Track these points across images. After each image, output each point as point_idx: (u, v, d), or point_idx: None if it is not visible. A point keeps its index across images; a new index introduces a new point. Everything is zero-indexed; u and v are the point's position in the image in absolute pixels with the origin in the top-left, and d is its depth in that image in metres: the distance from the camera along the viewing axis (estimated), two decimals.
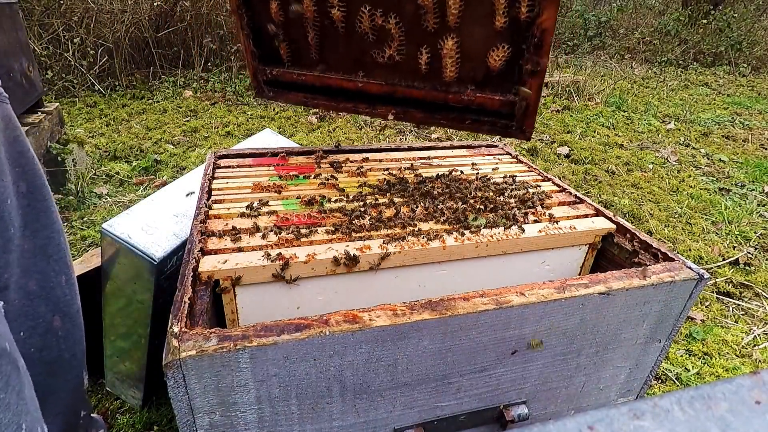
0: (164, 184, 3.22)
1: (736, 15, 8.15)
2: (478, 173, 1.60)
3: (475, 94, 1.33)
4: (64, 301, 1.16)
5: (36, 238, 1.07)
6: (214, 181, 1.47)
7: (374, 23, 1.33)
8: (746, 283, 2.54)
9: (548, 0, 1.11)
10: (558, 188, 1.54)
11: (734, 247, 2.86)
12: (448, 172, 1.58)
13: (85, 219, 2.82)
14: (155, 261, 1.35)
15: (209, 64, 5.66)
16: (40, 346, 1.10)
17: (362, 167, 1.61)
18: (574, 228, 1.29)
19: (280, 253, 1.07)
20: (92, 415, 1.47)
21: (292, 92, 1.64)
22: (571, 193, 1.50)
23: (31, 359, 1.08)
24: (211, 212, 1.27)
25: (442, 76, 1.34)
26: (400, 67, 1.39)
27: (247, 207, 1.29)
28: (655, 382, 1.96)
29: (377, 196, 1.39)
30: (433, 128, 4.42)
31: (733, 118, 5.26)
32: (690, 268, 1.11)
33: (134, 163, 3.53)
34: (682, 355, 2.08)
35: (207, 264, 1.02)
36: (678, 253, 2.26)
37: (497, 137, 2.34)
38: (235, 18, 1.50)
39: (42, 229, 1.09)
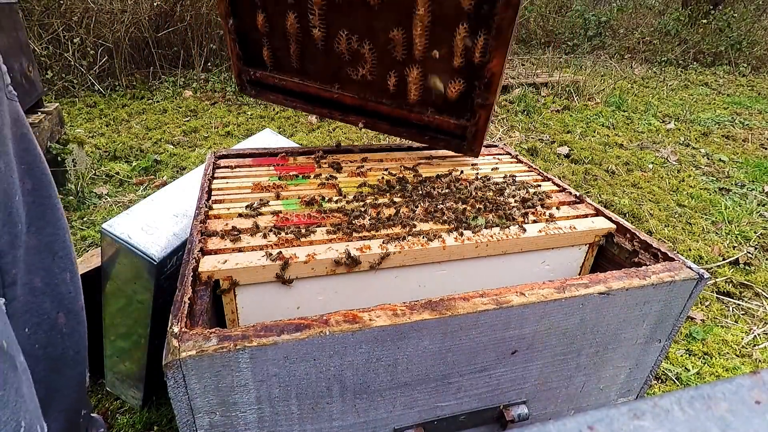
0: (164, 184, 3.22)
1: (736, 15, 8.14)
2: (478, 173, 1.60)
3: (433, 116, 1.56)
4: (69, 298, 1.16)
5: (41, 235, 1.08)
6: (214, 181, 1.47)
7: (350, 46, 1.52)
8: (746, 283, 2.54)
9: (498, 50, 1.33)
10: (558, 188, 1.54)
11: (734, 247, 2.86)
12: (448, 172, 1.58)
13: (85, 219, 2.82)
14: (155, 261, 1.35)
15: (209, 64, 5.66)
16: (44, 342, 1.11)
17: (362, 167, 1.61)
18: (574, 228, 1.29)
19: (281, 253, 1.07)
20: (92, 414, 1.47)
21: (272, 93, 1.79)
22: (571, 193, 1.50)
23: (36, 356, 1.09)
24: (211, 212, 1.27)
25: (407, 98, 1.56)
26: (372, 85, 1.58)
27: (247, 207, 1.29)
28: (655, 382, 1.96)
29: (377, 196, 1.39)
30: None
31: (733, 118, 5.26)
32: (690, 267, 1.11)
33: (134, 163, 3.53)
34: (682, 355, 2.08)
35: (207, 264, 1.02)
36: (678, 252, 2.26)
37: (495, 137, 2.36)
38: (223, 23, 1.65)
39: (47, 226, 1.09)
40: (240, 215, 1.25)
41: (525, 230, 1.25)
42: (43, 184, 1.08)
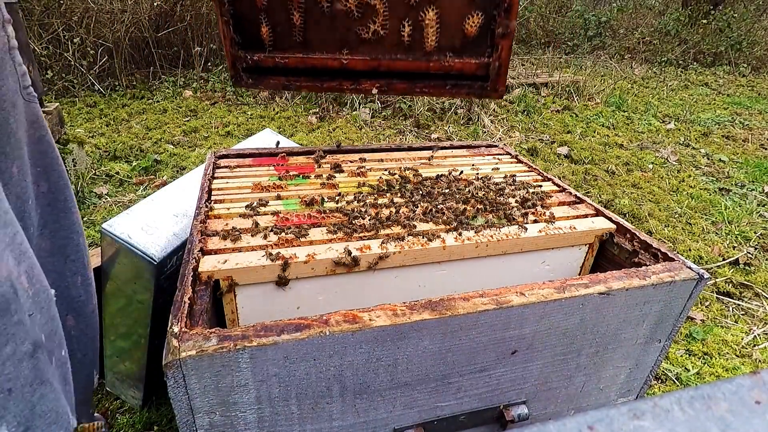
0: (164, 184, 3.22)
1: (736, 15, 8.15)
2: (478, 173, 1.60)
3: (454, 60, 1.45)
4: (79, 302, 1.17)
5: (55, 237, 1.08)
6: (214, 181, 1.47)
7: (360, 0, 1.40)
8: (746, 283, 2.54)
9: None
10: (558, 188, 1.54)
11: (734, 247, 2.86)
12: (448, 172, 1.58)
13: (85, 219, 2.82)
14: (155, 261, 1.35)
15: (209, 64, 5.66)
16: None
17: (362, 167, 1.61)
18: (574, 228, 1.29)
19: (279, 253, 1.07)
20: (94, 414, 1.47)
21: (273, 77, 1.63)
22: (571, 193, 1.50)
23: None
24: (211, 212, 1.27)
25: (424, 47, 1.45)
26: (384, 42, 1.47)
27: (247, 207, 1.29)
28: (655, 382, 1.96)
29: (377, 196, 1.39)
30: (433, 128, 4.42)
31: (733, 118, 5.26)
32: (690, 268, 1.11)
33: (134, 163, 3.53)
34: (682, 355, 2.08)
35: (207, 264, 1.02)
36: (678, 253, 2.26)
37: (492, 141, 2.34)
38: (215, 4, 1.51)
39: (61, 230, 1.10)
40: (240, 215, 1.25)
41: (525, 230, 1.25)
42: (59, 187, 1.09)
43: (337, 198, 1.36)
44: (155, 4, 5.30)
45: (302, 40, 1.52)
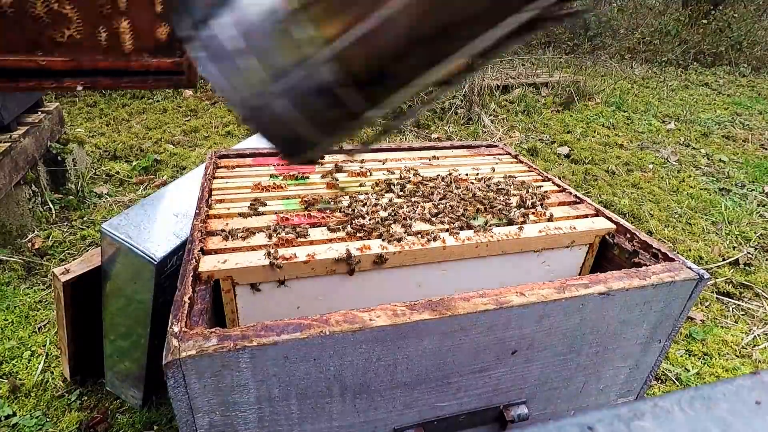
0: (164, 183, 3.22)
1: (736, 15, 8.14)
2: (478, 173, 1.60)
3: (151, 60, 1.52)
4: None
5: None
6: (215, 181, 1.47)
7: (49, 9, 1.40)
8: (746, 283, 2.54)
9: None
10: (558, 188, 1.54)
11: (734, 248, 2.86)
12: (448, 172, 1.58)
13: (85, 219, 2.82)
14: (155, 261, 1.35)
15: None
16: None
17: (362, 167, 1.61)
18: (574, 228, 1.29)
19: (278, 253, 1.07)
20: None
21: None
22: (571, 193, 1.50)
23: None
24: (211, 212, 1.27)
25: (122, 50, 1.50)
26: (82, 44, 1.49)
27: (247, 207, 1.29)
28: (655, 382, 1.96)
29: (377, 195, 1.39)
30: (433, 128, 4.42)
31: (733, 118, 5.26)
32: (690, 268, 1.11)
33: (134, 163, 3.53)
34: (682, 356, 2.08)
35: (207, 264, 1.02)
36: (678, 253, 2.26)
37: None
38: None
39: None
40: (240, 215, 1.25)
41: (525, 230, 1.25)
42: None
43: (337, 198, 1.36)
44: None
45: None
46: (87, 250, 2.49)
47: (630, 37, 8.37)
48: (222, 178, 1.50)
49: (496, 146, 1.91)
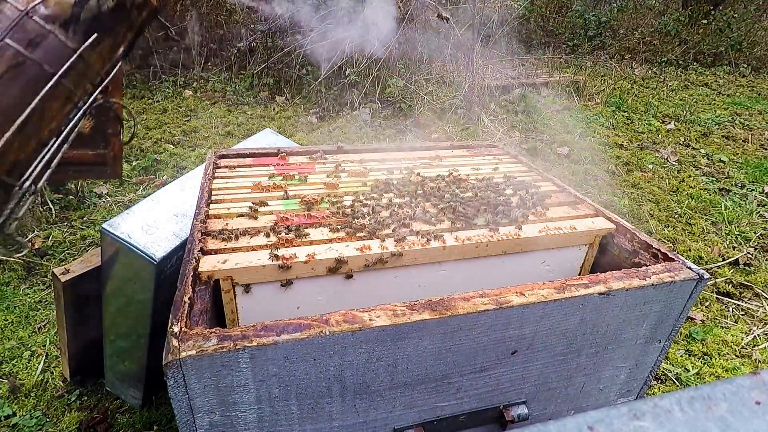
0: (164, 183, 3.22)
1: (736, 15, 8.14)
2: (478, 173, 1.60)
3: (72, 152, 1.56)
4: None
5: None
6: (215, 181, 1.47)
7: None
8: (746, 283, 2.54)
9: (115, 91, 1.53)
10: (558, 188, 1.54)
11: (734, 248, 2.86)
12: (448, 172, 1.58)
13: (85, 219, 2.82)
14: (155, 261, 1.35)
15: (209, 64, 5.66)
16: None
17: (362, 167, 1.61)
18: (574, 228, 1.29)
19: (277, 253, 1.07)
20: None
21: None
22: (571, 193, 1.50)
23: None
24: (211, 212, 1.26)
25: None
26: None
27: (247, 207, 1.29)
28: (655, 382, 1.96)
29: (377, 196, 1.39)
30: (433, 128, 4.42)
31: (733, 118, 5.26)
32: (690, 268, 1.11)
33: (134, 163, 3.53)
34: (682, 356, 2.08)
35: (207, 264, 1.02)
36: (678, 253, 2.26)
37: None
38: None
39: None
40: (240, 215, 1.25)
41: (525, 230, 1.25)
42: None
43: (337, 198, 1.36)
44: None
45: None
46: (87, 250, 2.49)
47: (630, 37, 8.36)
48: (222, 178, 1.50)
49: (496, 146, 1.91)
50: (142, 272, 1.38)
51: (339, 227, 1.19)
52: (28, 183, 1.21)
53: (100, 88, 1.42)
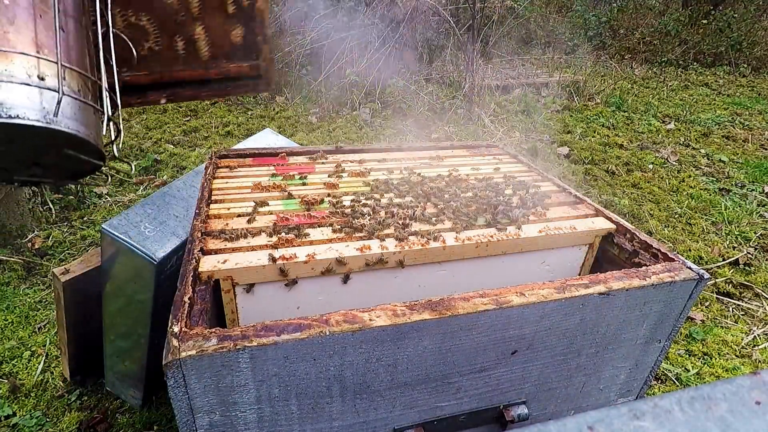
0: (164, 183, 3.22)
1: (736, 15, 8.14)
2: (478, 173, 1.60)
3: (229, 65, 1.60)
4: None
5: None
6: (215, 181, 1.47)
7: (127, 21, 1.49)
8: (746, 283, 2.54)
9: None
10: (558, 188, 1.54)
11: (734, 248, 2.86)
12: (448, 172, 1.58)
13: (85, 218, 2.82)
14: (155, 261, 1.35)
15: None
16: None
17: (362, 167, 1.61)
18: (574, 228, 1.29)
19: (274, 254, 1.07)
20: None
21: None
22: (571, 193, 1.50)
23: None
24: (211, 212, 1.26)
25: (200, 57, 1.58)
26: (161, 56, 1.56)
27: (247, 207, 1.29)
28: (655, 382, 1.96)
29: (377, 196, 1.39)
30: (433, 128, 4.42)
31: (733, 118, 5.26)
32: (690, 268, 1.11)
33: (134, 163, 3.53)
34: (682, 356, 2.08)
35: (207, 264, 1.02)
36: (678, 253, 2.26)
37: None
38: None
39: None
40: (240, 215, 1.25)
41: (525, 230, 1.25)
42: None
43: (337, 198, 1.36)
44: None
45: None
46: (87, 250, 2.49)
47: (630, 37, 8.36)
48: (222, 178, 1.50)
49: (496, 146, 1.91)
50: (142, 272, 1.38)
51: (339, 227, 1.19)
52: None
53: None
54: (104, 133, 1.10)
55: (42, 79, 0.93)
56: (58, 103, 0.92)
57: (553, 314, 1.00)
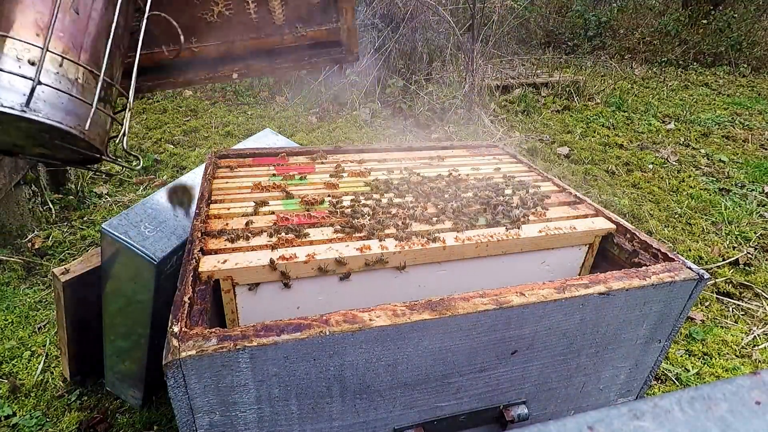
0: (164, 184, 3.22)
1: (736, 15, 8.14)
2: (478, 173, 1.60)
3: (305, 30, 1.45)
4: None
5: None
6: (215, 181, 1.47)
7: None
8: (746, 283, 2.54)
9: None
10: (558, 188, 1.54)
11: (734, 248, 2.86)
12: (448, 172, 1.58)
13: (85, 219, 2.82)
14: (155, 261, 1.35)
15: None
16: None
17: (362, 167, 1.61)
18: (574, 228, 1.29)
19: (274, 256, 1.07)
20: None
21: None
22: (571, 193, 1.50)
23: None
24: (211, 212, 1.27)
25: (273, 22, 1.43)
26: (232, 23, 1.42)
27: (247, 207, 1.29)
28: (655, 382, 1.96)
29: (377, 196, 1.39)
30: (433, 128, 4.42)
31: (733, 118, 5.26)
32: (690, 268, 1.11)
33: (134, 163, 3.53)
34: (682, 356, 2.08)
35: (207, 264, 1.02)
36: (678, 253, 2.26)
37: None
38: None
39: None
40: (240, 215, 1.25)
41: (525, 230, 1.25)
42: None
43: (337, 198, 1.36)
44: None
45: (144, 34, 1.33)
46: (87, 250, 2.49)
47: (630, 37, 8.36)
48: (222, 178, 1.50)
49: (496, 146, 1.91)
50: (142, 272, 1.38)
51: (339, 227, 1.19)
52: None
53: None
54: (108, 126, 1.07)
55: (32, 64, 0.91)
56: (32, 91, 0.89)
57: (553, 314, 1.00)
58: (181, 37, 1.28)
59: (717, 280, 2.55)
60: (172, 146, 3.83)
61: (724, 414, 0.33)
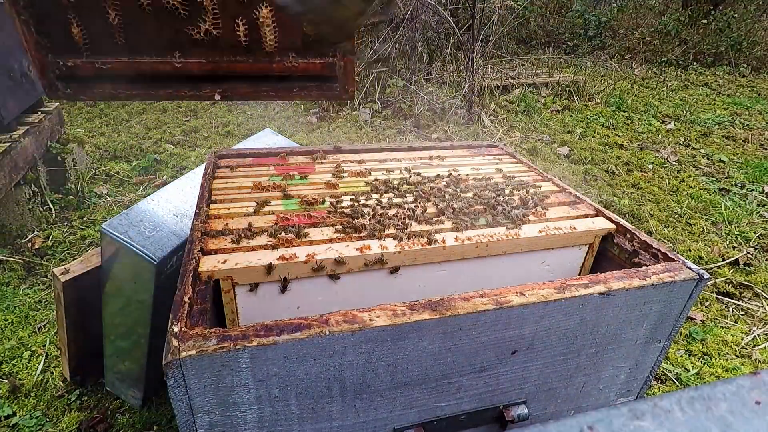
0: (164, 184, 3.22)
1: (736, 15, 8.14)
2: (478, 173, 1.60)
3: (298, 61, 1.36)
4: None
5: None
6: (215, 181, 1.47)
7: None
8: (746, 283, 2.54)
9: None
10: (558, 188, 1.54)
11: (734, 248, 2.86)
12: (448, 172, 1.58)
13: (85, 219, 2.82)
14: (155, 261, 1.35)
15: None
16: None
17: (362, 167, 1.61)
18: (574, 228, 1.29)
19: (273, 258, 1.07)
20: None
21: (96, 85, 1.40)
22: (571, 193, 1.50)
23: None
24: (211, 212, 1.26)
25: (263, 47, 1.35)
26: (219, 42, 1.35)
27: (247, 207, 1.29)
28: (655, 382, 1.96)
29: (377, 196, 1.39)
30: (432, 128, 4.42)
31: (733, 118, 5.26)
32: (690, 268, 1.11)
33: (134, 163, 3.53)
34: (682, 356, 2.08)
35: (207, 264, 1.02)
36: (678, 253, 2.26)
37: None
38: (5, 2, 1.22)
39: None
40: (240, 215, 1.25)
41: (525, 230, 1.25)
42: None
43: (337, 198, 1.36)
44: None
45: (125, 42, 1.32)
46: (87, 250, 2.49)
47: (630, 37, 8.37)
48: (222, 178, 1.50)
49: (496, 146, 1.91)
50: (142, 272, 1.38)
51: (339, 227, 1.19)
52: None
53: None
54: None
55: None
56: None
57: (553, 314, 1.00)
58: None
59: (717, 280, 2.55)
60: (172, 146, 3.83)
61: (724, 414, 0.33)
